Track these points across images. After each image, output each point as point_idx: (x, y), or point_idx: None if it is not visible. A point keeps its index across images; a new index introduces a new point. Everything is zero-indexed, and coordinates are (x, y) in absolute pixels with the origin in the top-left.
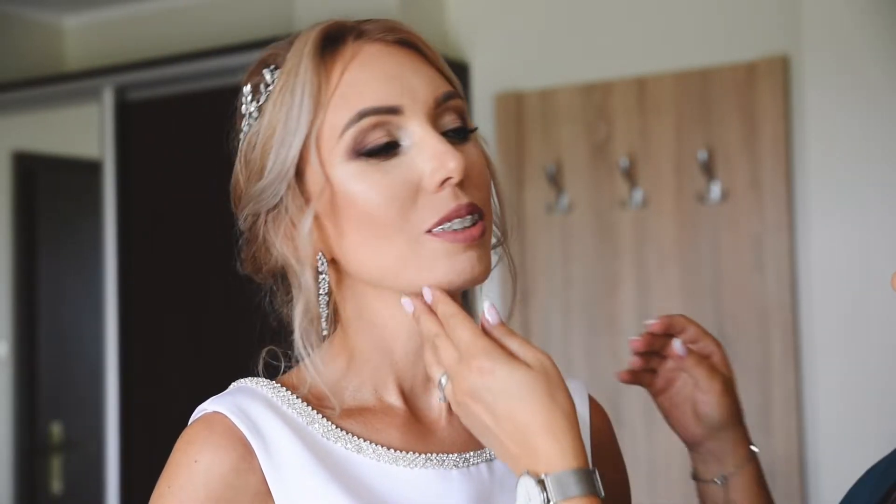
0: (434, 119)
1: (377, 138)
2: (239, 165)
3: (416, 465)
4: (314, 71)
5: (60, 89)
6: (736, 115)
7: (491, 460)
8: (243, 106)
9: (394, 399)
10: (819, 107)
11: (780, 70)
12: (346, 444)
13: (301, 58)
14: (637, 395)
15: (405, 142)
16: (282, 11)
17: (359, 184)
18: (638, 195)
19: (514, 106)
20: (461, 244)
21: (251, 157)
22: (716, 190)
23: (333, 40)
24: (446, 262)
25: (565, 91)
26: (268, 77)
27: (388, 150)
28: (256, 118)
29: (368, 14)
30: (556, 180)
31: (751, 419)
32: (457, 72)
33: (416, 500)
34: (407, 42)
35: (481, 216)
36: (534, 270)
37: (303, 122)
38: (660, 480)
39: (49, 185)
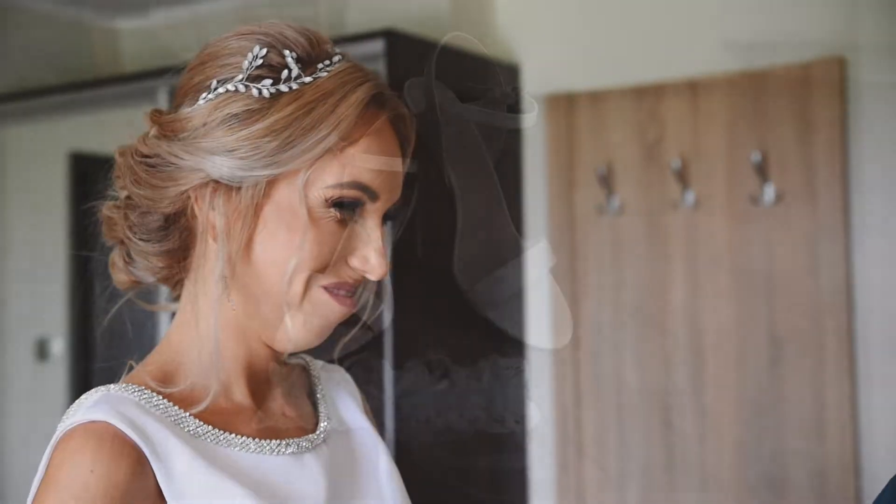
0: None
1: (349, 201)
2: (209, 116)
3: (278, 453)
4: (355, 119)
5: (116, 91)
6: (791, 117)
7: (325, 441)
8: (246, 62)
9: (240, 395)
10: (876, 109)
11: (837, 72)
12: (215, 438)
13: (346, 92)
14: (688, 400)
15: (360, 215)
16: (334, 12)
17: (315, 223)
18: (690, 197)
19: (564, 107)
20: (338, 307)
21: (244, 130)
22: (769, 192)
23: (375, 100)
24: (323, 311)
25: (616, 94)
26: (292, 67)
27: (352, 210)
28: (266, 96)
29: (419, 17)
30: (606, 181)
31: (804, 425)
32: (508, 72)
33: (286, 483)
34: (401, 123)
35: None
36: (584, 272)
37: (318, 149)
38: (711, 483)
39: (104, 185)
